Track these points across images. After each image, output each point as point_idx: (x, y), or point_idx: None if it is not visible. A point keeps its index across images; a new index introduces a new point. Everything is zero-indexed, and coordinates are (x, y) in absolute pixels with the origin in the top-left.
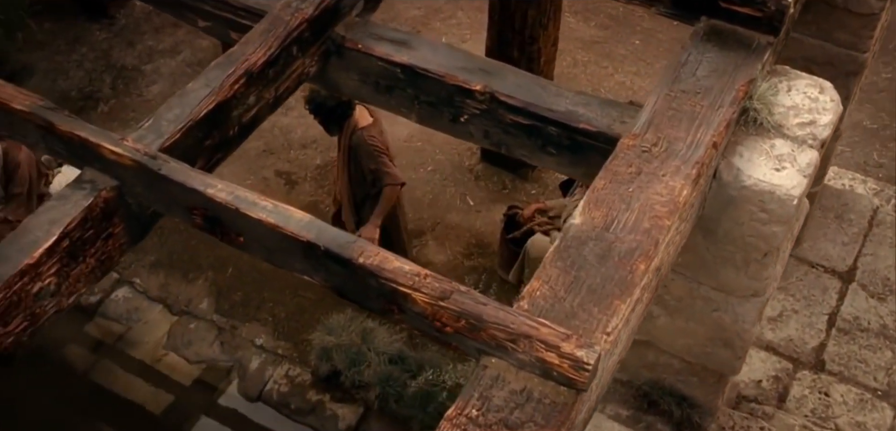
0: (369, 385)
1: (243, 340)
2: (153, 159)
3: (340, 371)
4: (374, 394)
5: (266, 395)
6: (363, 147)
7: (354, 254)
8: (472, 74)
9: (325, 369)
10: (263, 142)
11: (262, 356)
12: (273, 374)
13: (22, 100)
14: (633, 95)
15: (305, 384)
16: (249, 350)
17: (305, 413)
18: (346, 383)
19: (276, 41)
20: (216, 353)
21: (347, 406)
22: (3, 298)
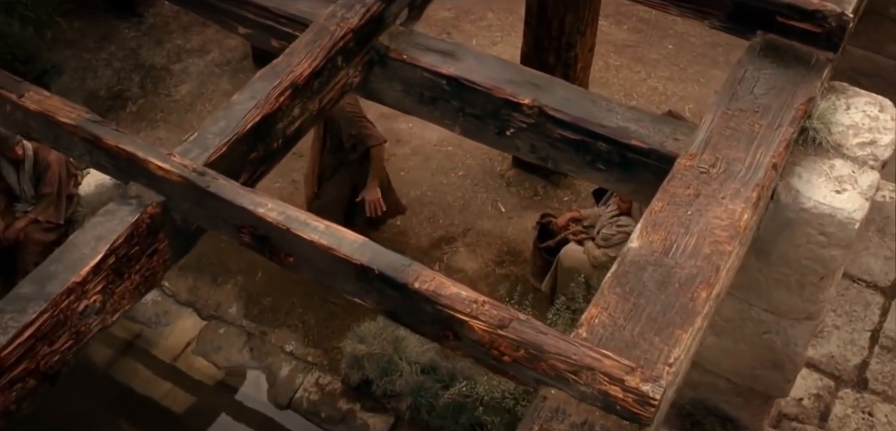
0: (401, 394)
1: (273, 346)
2: (201, 175)
3: (372, 380)
4: (406, 404)
5: (296, 403)
6: (342, 115)
7: (410, 279)
8: (519, 87)
9: (356, 378)
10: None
11: (291, 363)
12: (303, 382)
13: (68, 113)
14: (665, 100)
15: (336, 392)
16: (279, 356)
17: (336, 421)
18: (378, 392)
19: (322, 52)
20: (245, 359)
21: (378, 416)
22: (49, 317)
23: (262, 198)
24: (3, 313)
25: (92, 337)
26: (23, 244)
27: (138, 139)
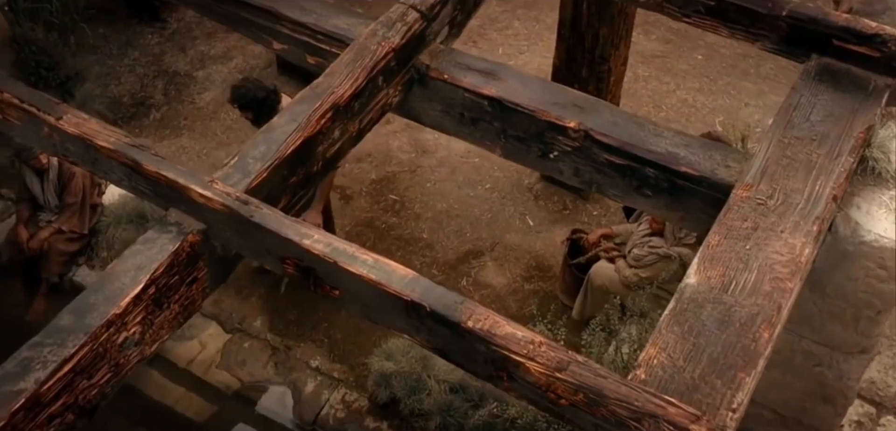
0: (429, 413)
1: (298, 361)
2: (244, 204)
3: (399, 398)
4: (434, 424)
5: (322, 420)
6: None
7: (463, 317)
8: (564, 110)
9: (383, 396)
10: None
11: (317, 379)
12: (329, 398)
13: (106, 137)
14: (695, 113)
15: (362, 410)
16: (304, 372)
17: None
18: (405, 411)
19: (363, 72)
20: (270, 374)
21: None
22: (89, 350)
23: (308, 229)
24: (42, 346)
25: (130, 369)
26: (46, 254)
27: (178, 166)
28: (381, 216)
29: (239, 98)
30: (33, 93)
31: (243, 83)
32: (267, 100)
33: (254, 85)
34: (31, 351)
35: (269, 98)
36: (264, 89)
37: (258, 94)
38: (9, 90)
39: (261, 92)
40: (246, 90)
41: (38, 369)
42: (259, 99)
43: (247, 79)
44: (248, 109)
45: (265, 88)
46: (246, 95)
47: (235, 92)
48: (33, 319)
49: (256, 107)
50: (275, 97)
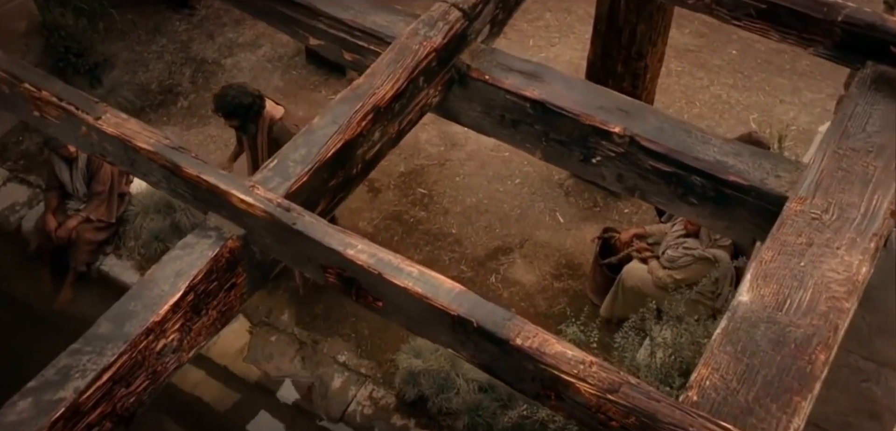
0: (457, 413)
1: (325, 356)
2: (287, 211)
3: (427, 396)
4: (462, 423)
5: (349, 416)
6: (285, 136)
7: (511, 335)
8: (609, 114)
9: (411, 393)
10: None
11: (344, 374)
12: (356, 394)
13: (146, 138)
14: (729, 109)
15: (390, 407)
16: (331, 367)
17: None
18: (433, 409)
19: (404, 73)
20: (297, 368)
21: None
22: (128, 359)
23: (352, 238)
24: (81, 353)
25: (168, 376)
26: (74, 242)
27: (219, 170)
28: (409, 210)
29: (224, 106)
30: (71, 91)
31: (227, 91)
32: (253, 106)
33: (238, 91)
34: (70, 359)
35: (254, 104)
36: (249, 95)
37: (244, 101)
38: (47, 88)
39: (246, 98)
40: (231, 98)
41: (78, 377)
42: (245, 105)
43: (230, 87)
44: (234, 117)
45: (250, 94)
46: (232, 103)
47: (220, 100)
48: (60, 307)
49: (242, 114)
50: (260, 102)
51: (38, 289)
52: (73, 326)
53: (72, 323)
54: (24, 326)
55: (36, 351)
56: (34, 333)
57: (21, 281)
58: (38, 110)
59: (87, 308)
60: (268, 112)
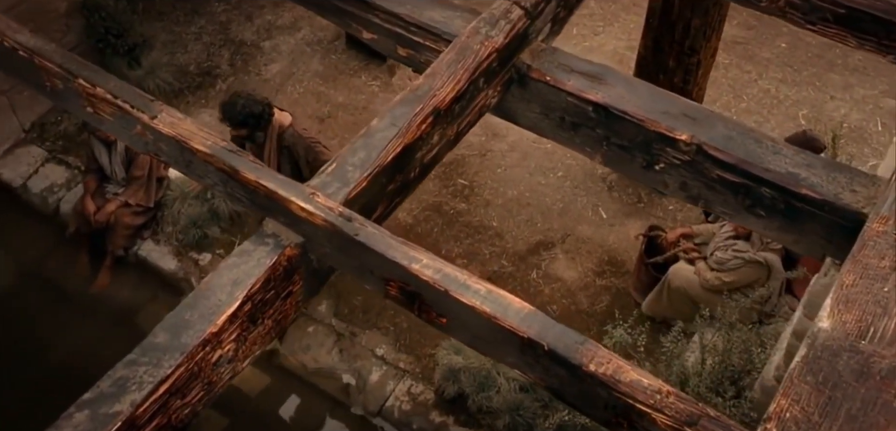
0: (497, 411)
1: (363, 349)
2: (348, 221)
3: (467, 394)
4: (503, 423)
5: (386, 411)
6: (300, 142)
7: (584, 360)
8: (675, 121)
9: (451, 390)
10: None
11: (382, 368)
12: (394, 389)
13: (203, 140)
14: (778, 104)
15: (428, 403)
16: (369, 360)
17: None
18: (473, 407)
19: (465, 74)
20: (335, 361)
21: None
22: (184, 370)
23: (416, 252)
24: (137, 365)
25: (222, 386)
26: (112, 227)
27: (278, 175)
28: (449, 201)
29: (233, 116)
30: (126, 88)
31: (236, 100)
32: (263, 115)
33: (248, 100)
34: (126, 370)
35: (264, 112)
36: (259, 103)
37: (254, 110)
38: (102, 84)
39: (257, 107)
40: (241, 107)
41: (134, 390)
42: (256, 114)
43: (238, 96)
44: (244, 126)
45: (259, 102)
46: (242, 113)
47: (229, 110)
48: (97, 291)
49: (253, 124)
50: (269, 111)
51: (74, 272)
52: (108, 310)
53: (106, 306)
54: (59, 308)
55: (70, 333)
56: (69, 316)
57: (58, 263)
58: (91, 107)
59: (124, 293)
60: (276, 120)
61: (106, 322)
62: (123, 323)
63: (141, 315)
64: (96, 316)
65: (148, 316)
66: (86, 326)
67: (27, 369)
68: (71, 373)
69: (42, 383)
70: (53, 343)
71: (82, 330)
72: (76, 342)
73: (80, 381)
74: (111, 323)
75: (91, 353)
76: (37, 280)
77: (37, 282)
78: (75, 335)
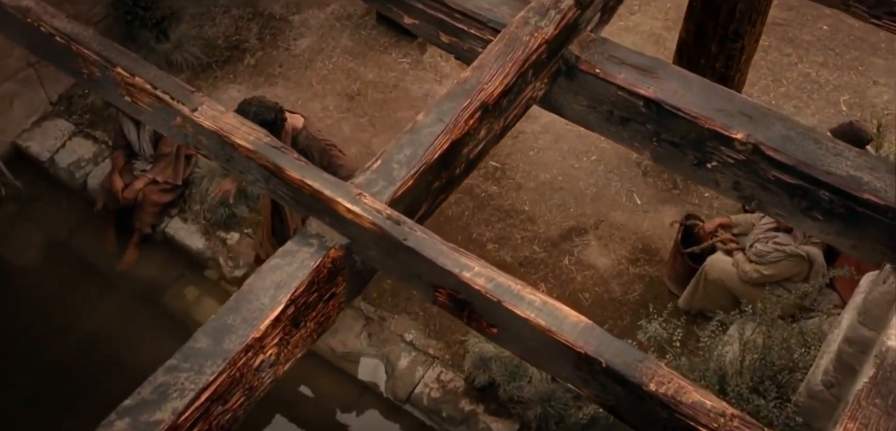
0: (528, 402)
1: (392, 334)
2: (397, 224)
3: (498, 383)
4: (534, 413)
5: (415, 398)
6: (314, 145)
7: (644, 378)
8: (731, 119)
9: (481, 379)
10: (415, 112)
11: (411, 354)
12: (423, 376)
13: (245, 135)
14: (818, 89)
15: (458, 391)
16: (398, 345)
17: (457, 422)
18: (503, 397)
19: (514, 66)
20: (363, 345)
21: (502, 422)
22: (227, 377)
23: (468, 259)
24: (178, 371)
25: (263, 391)
26: (140, 204)
27: (325, 174)
28: (480, 183)
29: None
30: (166, 78)
31: (248, 108)
32: (276, 121)
33: (260, 107)
34: (167, 376)
35: (277, 119)
36: (271, 110)
37: (267, 117)
38: (141, 73)
39: (270, 113)
40: (254, 115)
41: (176, 398)
42: (269, 121)
43: (249, 103)
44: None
45: (272, 108)
46: (255, 120)
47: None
48: (124, 269)
49: (270, 130)
50: (281, 116)
51: (101, 248)
52: (134, 287)
53: (133, 283)
54: (86, 283)
55: (97, 309)
56: (96, 291)
57: (86, 238)
58: (129, 96)
59: (151, 270)
60: (289, 123)
61: (132, 298)
62: (150, 300)
63: (168, 293)
64: (123, 292)
65: (175, 294)
66: (112, 302)
67: (53, 343)
68: (97, 349)
69: (68, 357)
70: (80, 317)
71: (109, 306)
72: (102, 317)
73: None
74: (138, 299)
75: (117, 329)
76: (64, 254)
77: (64, 257)
78: (101, 310)
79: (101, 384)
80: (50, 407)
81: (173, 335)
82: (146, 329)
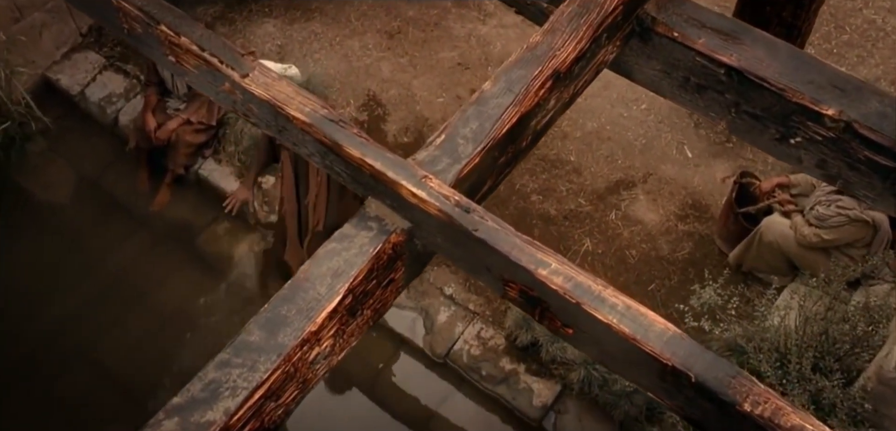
0: (571, 363)
1: (431, 286)
2: (466, 213)
3: (540, 343)
4: (577, 376)
5: (454, 354)
6: None
7: (738, 397)
8: (822, 92)
9: (524, 338)
10: (458, 54)
11: (451, 309)
12: (463, 332)
13: (300, 106)
14: (883, 37)
15: (498, 349)
16: (437, 299)
17: (497, 381)
18: (546, 357)
19: (589, 30)
20: (401, 298)
21: (544, 382)
22: (281, 373)
23: (545, 255)
24: (230, 367)
25: (316, 383)
26: (174, 144)
27: (387, 153)
28: None
29: None
30: (215, 39)
31: None
32: None
33: None
34: (218, 372)
35: None
36: None
37: None
38: (187, 33)
39: None
40: None
41: (228, 397)
42: None
43: None
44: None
45: None
46: None
47: None
48: (157, 210)
49: None
50: None
51: (132, 187)
52: (166, 227)
53: (164, 223)
54: (116, 222)
55: (127, 248)
56: (126, 230)
57: (117, 176)
58: (174, 56)
59: (183, 211)
60: None
61: (164, 239)
62: (181, 241)
63: (201, 236)
64: (154, 232)
65: (208, 236)
66: (143, 242)
67: (82, 279)
68: (124, 285)
69: (97, 294)
70: (109, 255)
71: (139, 246)
72: (131, 256)
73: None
74: (169, 240)
75: (148, 269)
76: (95, 192)
77: (95, 195)
78: (131, 250)
79: (126, 321)
80: (80, 340)
81: (207, 275)
82: (176, 268)
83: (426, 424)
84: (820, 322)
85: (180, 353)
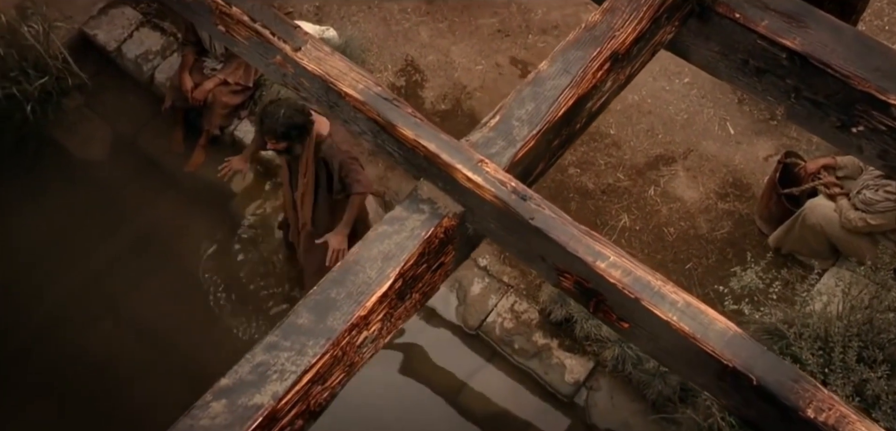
0: (606, 341)
1: None
2: (523, 200)
3: (575, 319)
4: (611, 354)
5: (487, 327)
6: (335, 156)
7: (801, 403)
8: (890, 80)
9: (558, 314)
10: (498, 20)
11: (484, 280)
12: (497, 305)
13: (353, 82)
14: None
15: (532, 323)
16: (471, 270)
17: (529, 355)
18: (580, 334)
19: (649, 10)
20: None
21: (577, 358)
22: (329, 357)
23: (602, 246)
24: (278, 350)
25: (361, 366)
26: (210, 105)
27: (442, 135)
28: None
29: (275, 128)
30: (267, 11)
31: (276, 110)
32: (306, 125)
33: (290, 110)
34: (266, 355)
35: (307, 123)
36: (301, 113)
37: (297, 120)
38: (238, 4)
39: (299, 117)
40: (283, 119)
41: (276, 381)
42: (299, 125)
43: (278, 105)
44: (286, 139)
45: (301, 112)
46: (285, 125)
47: (270, 122)
48: (192, 170)
49: (296, 136)
50: (310, 119)
51: (167, 147)
52: (200, 187)
53: (198, 183)
54: (150, 181)
55: (161, 207)
56: (161, 189)
57: (152, 135)
58: (224, 26)
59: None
60: (315, 127)
61: (197, 199)
62: (215, 202)
63: (235, 198)
64: (188, 192)
65: (242, 197)
66: (177, 202)
67: (114, 235)
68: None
69: (128, 250)
70: (142, 213)
71: (173, 205)
72: (165, 215)
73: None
74: (203, 201)
75: (180, 228)
76: (130, 150)
77: (130, 153)
78: (165, 209)
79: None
80: (112, 294)
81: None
82: (210, 229)
83: (456, 395)
84: (865, 310)
85: (210, 311)
